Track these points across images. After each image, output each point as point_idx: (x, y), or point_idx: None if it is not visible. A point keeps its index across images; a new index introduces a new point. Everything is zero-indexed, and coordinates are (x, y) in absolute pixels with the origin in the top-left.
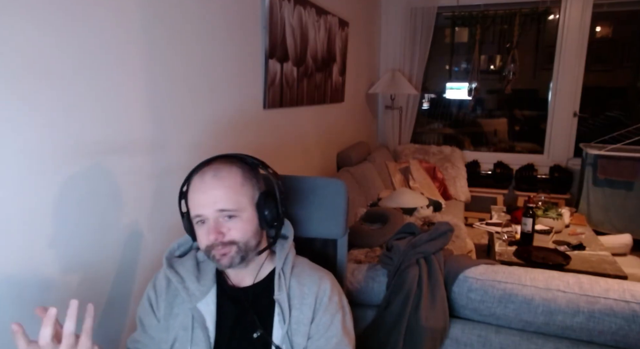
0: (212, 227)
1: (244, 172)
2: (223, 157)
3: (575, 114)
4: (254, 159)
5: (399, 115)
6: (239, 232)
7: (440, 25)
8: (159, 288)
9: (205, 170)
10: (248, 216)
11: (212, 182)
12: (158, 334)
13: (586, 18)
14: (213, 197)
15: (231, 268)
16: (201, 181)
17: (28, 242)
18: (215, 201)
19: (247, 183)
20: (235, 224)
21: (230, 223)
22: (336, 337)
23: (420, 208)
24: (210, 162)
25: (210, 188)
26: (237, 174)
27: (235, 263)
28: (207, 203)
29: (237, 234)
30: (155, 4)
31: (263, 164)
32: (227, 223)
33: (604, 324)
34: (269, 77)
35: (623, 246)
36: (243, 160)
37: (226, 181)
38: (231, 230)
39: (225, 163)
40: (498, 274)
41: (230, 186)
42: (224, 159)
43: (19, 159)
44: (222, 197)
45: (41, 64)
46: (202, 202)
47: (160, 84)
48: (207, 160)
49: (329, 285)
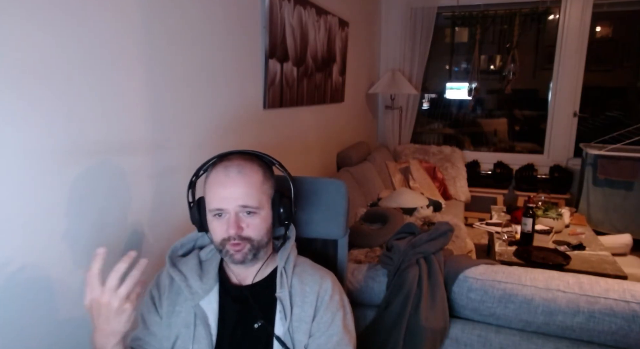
0: (233, 221)
1: (264, 171)
2: (244, 153)
3: (575, 114)
4: (271, 158)
5: (399, 115)
6: (255, 229)
7: (440, 25)
8: (162, 286)
9: (228, 165)
10: (265, 214)
11: (237, 178)
12: (161, 332)
13: (586, 18)
14: (237, 193)
15: (243, 263)
16: (226, 175)
17: (28, 243)
18: (238, 197)
19: (267, 182)
20: (253, 221)
21: (250, 219)
22: (337, 335)
23: (420, 208)
24: (230, 157)
25: (234, 183)
26: (259, 172)
27: (248, 259)
28: (231, 198)
29: (253, 231)
30: (155, 4)
31: (280, 164)
32: (247, 219)
33: (604, 324)
34: (269, 77)
35: (623, 246)
36: (262, 159)
37: (250, 178)
38: (250, 226)
39: (247, 160)
40: (498, 274)
41: (254, 183)
42: (245, 156)
43: (19, 159)
44: (246, 194)
45: (41, 64)
46: (225, 196)
47: (160, 84)
48: (226, 154)
49: (330, 284)
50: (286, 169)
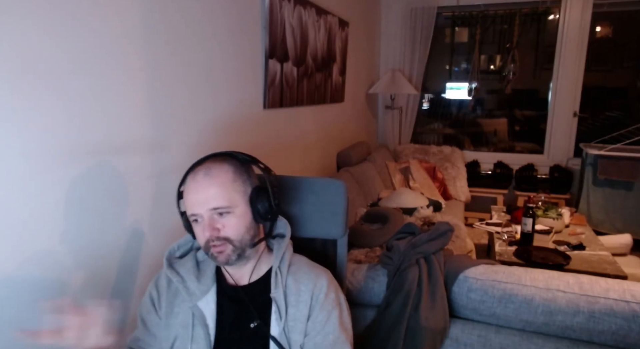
0: (207, 224)
1: (235, 169)
2: (215, 155)
3: (575, 114)
4: (245, 155)
5: (399, 115)
6: (232, 229)
7: (440, 25)
8: (160, 287)
9: (197, 170)
10: (241, 212)
11: (204, 181)
12: (160, 332)
13: (586, 18)
14: (205, 196)
15: (228, 265)
16: (194, 180)
17: (28, 243)
18: (207, 200)
19: (239, 179)
20: (229, 221)
21: (224, 220)
22: (333, 334)
23: (420, 208)
24: (202, 162)
25: (202, 187)
26: (229, 171)
27: (232, 260)
28: (200, 202)
29: (231, 231)
30: (155, 4)
31: (254, 159)
32: (221, 220)
33: (604, 324)
34: (269, 77)
35: (623, 246)
36: (234, 157)
37: (217, 178)
38: (225, 227)
39: (216, 161)
40: (498, 274)
41: (222, 183)
42: (216, 158)
43: (20, 159)
44: (214, 196)
45: (41, 64)
46: (195, 201)
47: (160, 84)
48: (200, 160)
49: (325, 282)
50: (262, 163)
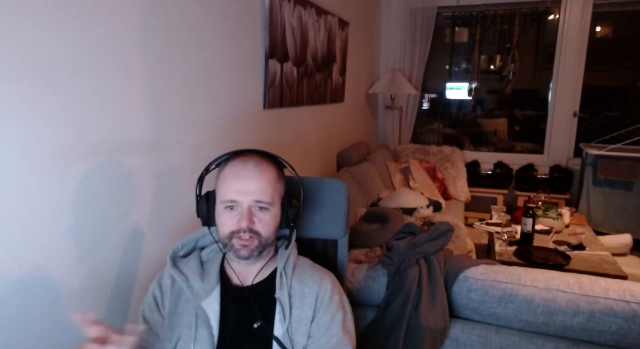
0: (246, 214)
1: (278, 171)
2: (257, 152)
3: (575, 114)
4: (283, 161)
5: (399, 115)
6: (265, 225)
7: (440, 25)
8: (163, 286)
9: (245, 159)
10: (275, 212)
11: (254, 171)
12: (163, 332)
13: (586, 18)
14: (253, 187)
15: (249, 259)
16: (243, 168)
17: (28, 243)
18: (253, 191)
19: (280, 181)
20: (264, 217)
21: (261, 214)
22: (336, 336)
23: (420, 208)
24: (247, 153)
25: (252, 176)
26: (274, 171)
27: (254, 256)
28: (246, 191)
29: (263, 227)
30: (155, 4)
31: (291, 167)
32: (259, 214)
33: (604, 324)
34: (269, 77)
35: (623, 246)
36: (275, 159)
37: (266, 174)
38: (261, 221)
39: (264, 158)
40: (498, 274)
41: (269, 179)
42: (262, 155)
43: (20, 159)
44: (261, 189)
45: (41, 64)
46: (240, 188)
47: (160, 84)
48: (241, 151)
49: (329, 285)
50: (296, 172)
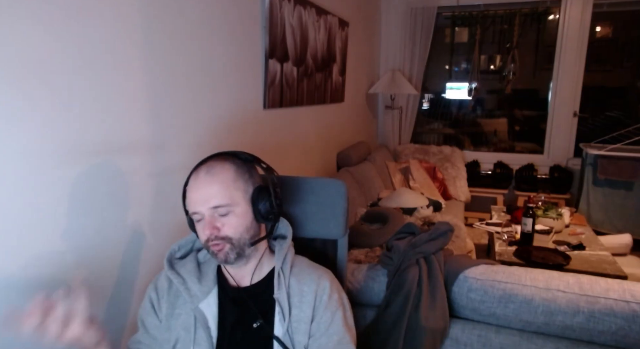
0: (207, 223)
1: (237, 168)
2: (218, 155)
3: (575, 114)
4: (247, 155)
5: (399, 115)
6: (232, 228)
7: (440, 25)
8: (160, 288)
9: (199, 168)
10: (242, 211)
11: (205, 179)
12: (161, 335)
13: (586, 18)
14: (206, 195)
15: (227, 263)
16: (195, 179)
17: (28, 243)
18: (208, 198)
19: (240, 178)
20: (229, 220)
21: (225, 219)
22: (337, 334)
23: (420, 208)
24: (205, 161)
25: (203, 185)
26: (230, 170)
27: (231, 259)
28: (201, 200)
29: (230, 230)
30: (155, 4)
31: (256, 159)
32: (222, 219)
33: (604, 324)
34: (269, 77)
35: (623, 246)
36: (237, 156)
37: (218, 176)
38: (225, 226)
39: (218, 160)
40: (498, 274)
41: (223, 181)
42: (218, 157)
43: (20, 159)
44: (215, 194)
45: (41, 64)
46: (196, 199)
47: (160, 84)
48: (204, 159)
49: (328, 283)
50: (264, 162)
